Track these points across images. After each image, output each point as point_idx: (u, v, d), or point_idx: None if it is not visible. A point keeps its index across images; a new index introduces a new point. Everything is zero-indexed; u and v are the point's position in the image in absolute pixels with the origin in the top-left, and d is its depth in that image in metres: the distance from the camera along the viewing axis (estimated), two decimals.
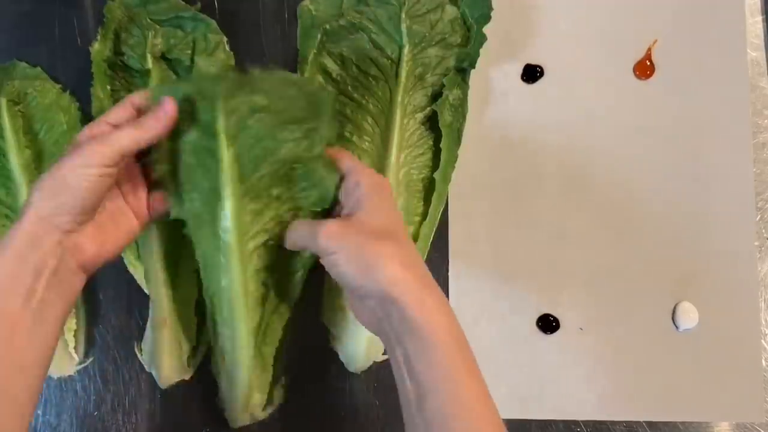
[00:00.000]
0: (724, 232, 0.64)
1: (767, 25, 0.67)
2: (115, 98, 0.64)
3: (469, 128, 0.65)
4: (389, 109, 0.63)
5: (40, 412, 0.62)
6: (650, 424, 0.62)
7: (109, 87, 0.65)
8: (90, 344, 0.63)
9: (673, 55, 0.66)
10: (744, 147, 0.65)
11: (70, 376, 0.62)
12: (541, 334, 0.63)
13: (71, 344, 0.62)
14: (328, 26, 0.65)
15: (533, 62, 0.67)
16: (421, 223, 0.62)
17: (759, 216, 0.65)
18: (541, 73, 0.67)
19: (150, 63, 0.64)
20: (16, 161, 0.63)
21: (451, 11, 0.63)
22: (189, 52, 0.65)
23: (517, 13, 0.67)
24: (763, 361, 0.62)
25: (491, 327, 0.63)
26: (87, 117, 0.64)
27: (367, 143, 0.63)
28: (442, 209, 0.63)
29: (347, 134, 0.63)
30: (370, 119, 0.63)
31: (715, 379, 0.62)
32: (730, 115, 0.66)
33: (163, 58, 0.65)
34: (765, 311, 0.63)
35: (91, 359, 0.63)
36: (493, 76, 0.66)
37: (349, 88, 0.63)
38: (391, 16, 0.63)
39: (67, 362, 0.62)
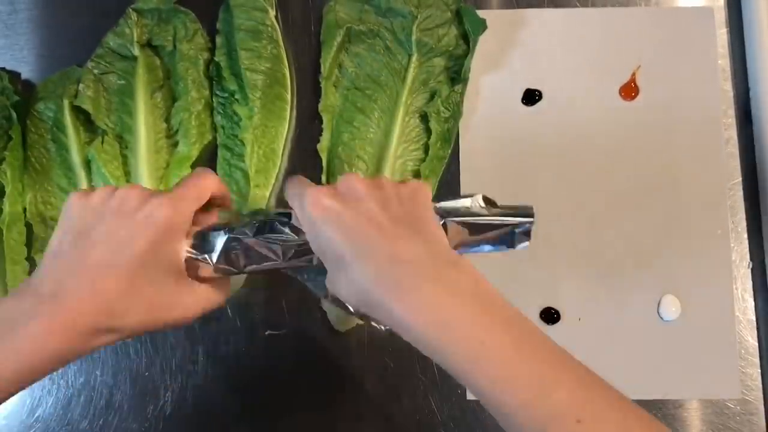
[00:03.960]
0: (701, 232, 0.68)
1: (730, 36, 0.72)
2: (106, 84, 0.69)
3: (477, 145, 0.69)
4: (394, 106, 0.68)
5: (98, 372, 0.65)
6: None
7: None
8: None
9: (654, 78, 0.70)
10: (717, 153, 0.69)
11: (124, 341, 0.65)
12: (544, 325, 0.66)
13: None
14: (349, 27, 0.69)
15: (532, 87, 0.70)
16: None
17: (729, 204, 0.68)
18: (540, 97, 0.70)
19: (137, 50, 0.69)
20: (77, 156, 0.68)
21: (456, 27, 0.69)
22: (171, 39, 0.70)
23: (518, 46, 0.71)
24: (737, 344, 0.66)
25: None
26: None
27: (372, 133, 0.68)
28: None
29: (356, 124, 0.68)
30: (377, 113, 0.68)
31: (696, 362, 0.65)
32: (704, 125, 0.69)
33: (149, 45, 0.70)
34: (739, 300, 0.67)
35: None
36: (498, 100, 0.70)
37: (362, 84, 0.69)
38: (405, 27, 0.68)
39: None
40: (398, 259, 0.41)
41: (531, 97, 0.71)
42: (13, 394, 0.40)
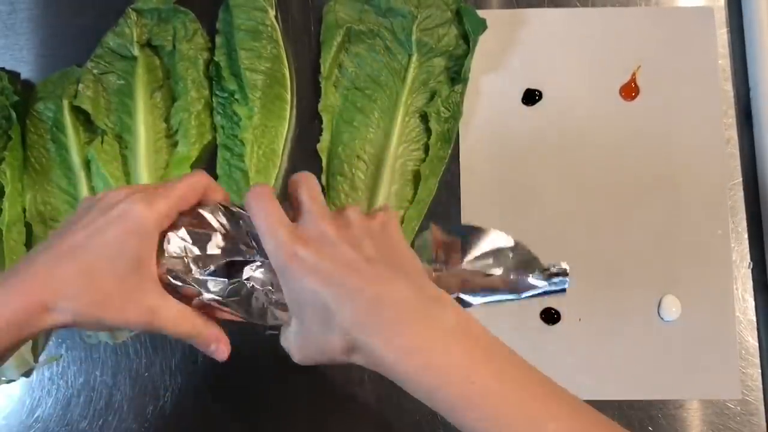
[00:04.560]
0: (701, 232, 0.67)
1: (730, 36, 0.72)
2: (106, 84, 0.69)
3: (477, 145, 0.69)
4: (394, 106, 0.68)
5: (98, 372, 0.65)
6: (631, 402, 0.65)
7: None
8: None
9: (654, 78, 0.70)
10: (717, 153, 0.69)
11: (124, 342, 0.66)
12: (544, 326, 0.66)
13: None
14: (349, 27, 0.69)
15: (532, 87, 0.70)
16: (408, 207, 0.67)
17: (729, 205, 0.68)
18: (540, 97, 0.70)
19: (137, 50, 0.69)
20: (76, 156, 0.68)
21: (456, 28, 0.69)
22: (170, 39, 0.70)
23: (518, 45, 0.71)
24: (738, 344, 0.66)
25: (500, 320, 0.64)
26: None
27: (372, 133, 0.68)
28: (430, 199, 0.67)
29: (356, 124, 0.68)
30: (377, 113, 0.68)
31: (696, 362, 0.65)
32: (704, 125, 0.69)
33: (148, 45, 0.70)
34: (739, 300, 0.66)
35: None
36: (498, 100, 0.70)
37: (362, 84, 0.69)
38: (405, 27, 0.68)
39: (122, 330, 0.65)
40: (381, 302, 0.41)
41: (531, 97, 0.71)
42: None
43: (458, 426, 0.40)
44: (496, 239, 0.50)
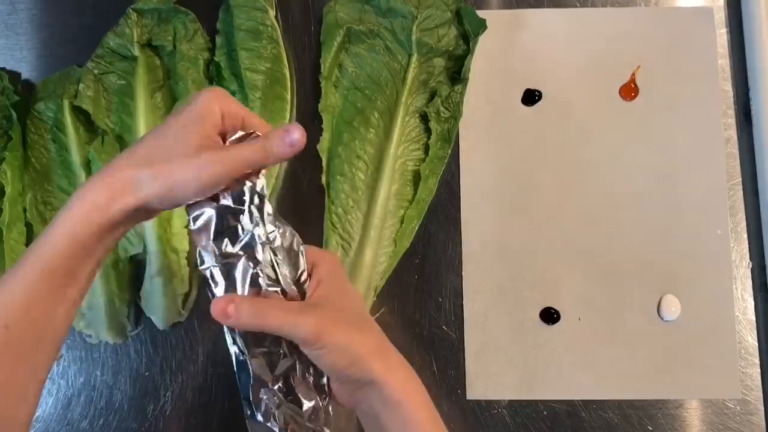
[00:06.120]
0: (700, 232, 0.68)
1: (730, 36, 0.72)
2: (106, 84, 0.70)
3: (477, 145, 0.70)
4: (394, 106, 0.68)
5: (98, 372, 0.66)
6: (631, 402, 0.65)
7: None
8: (141, 314, 0.66)
9: (654, 78, 0.70)
10: (717, 153, 0.69)
11: (124, 341, 0.66)
12: (544, 325, 0.66)
13: (124, 314, 0.66)
14: (349, 28, 0.69)
15: (532, 87, 0.70)
16: (408, 207, 0.67)
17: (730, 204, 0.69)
18: (540, 97, 0.70)
19: (137, 50, 0.69)
20: (77, 156, 0.68)
21: (456, 28, 0.69)
22: (171, 39, 0.70)
23: (518, 46, 0.72)
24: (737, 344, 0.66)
25: (500, 320, 0.66)
26: None
27: (372, 134, 0.68)
28: (430, 199, 0.68)
29: (355, 124, 0.68)
30: (376, 113, 0.68)
31: (696, 362, 0.65)
32: (704, 125, 0.70)
33: (149, 45, 0.70)
34: (739, 300, 0.67)
35: (142, 327, 0.67)
36: (498, 100, 0.71)
37: (362, 84, 0.69)
38: (405, 27, 0.69)
39: (122, 330, 0.66)
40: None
41: (531, 97, 0.71)
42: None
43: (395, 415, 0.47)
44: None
